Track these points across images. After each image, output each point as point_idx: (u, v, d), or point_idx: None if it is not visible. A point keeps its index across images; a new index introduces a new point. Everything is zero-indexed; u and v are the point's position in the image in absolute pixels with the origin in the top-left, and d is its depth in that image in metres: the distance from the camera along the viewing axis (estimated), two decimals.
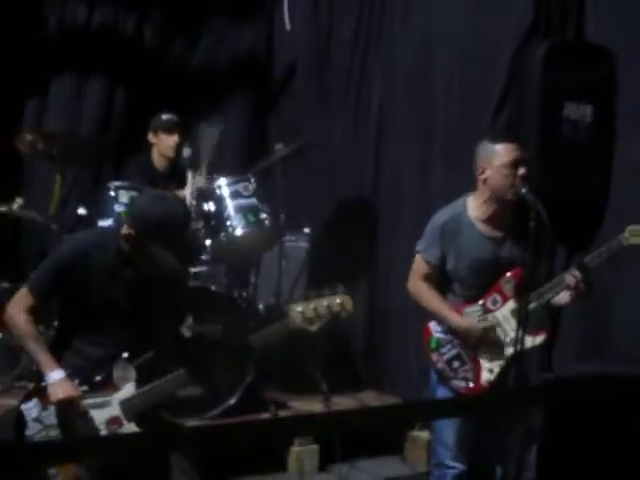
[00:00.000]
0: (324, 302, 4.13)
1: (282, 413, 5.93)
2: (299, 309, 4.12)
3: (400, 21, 6.82)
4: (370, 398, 6.55)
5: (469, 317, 4.79)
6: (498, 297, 4.76)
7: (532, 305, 4.55)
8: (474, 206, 4.80)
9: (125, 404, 4.09)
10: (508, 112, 5.88)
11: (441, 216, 4.84)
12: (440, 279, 4.86)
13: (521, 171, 4.64)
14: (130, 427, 4.07)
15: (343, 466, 5.67)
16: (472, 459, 4.94)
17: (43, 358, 4.12)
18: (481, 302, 4.78)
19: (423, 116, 6.58)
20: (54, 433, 4.05)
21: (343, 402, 6.30)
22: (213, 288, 5.94)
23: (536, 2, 5.82)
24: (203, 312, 5.48)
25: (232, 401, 5.74)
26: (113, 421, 4.07)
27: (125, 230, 4.16)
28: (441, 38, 6.44)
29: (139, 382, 4.12)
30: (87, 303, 4.19)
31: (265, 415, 5.80)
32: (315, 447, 5.88)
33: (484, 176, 4.72)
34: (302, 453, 5.86)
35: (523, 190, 4.56)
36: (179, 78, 7.37)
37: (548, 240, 4.50)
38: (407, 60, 6.76)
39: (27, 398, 4.13)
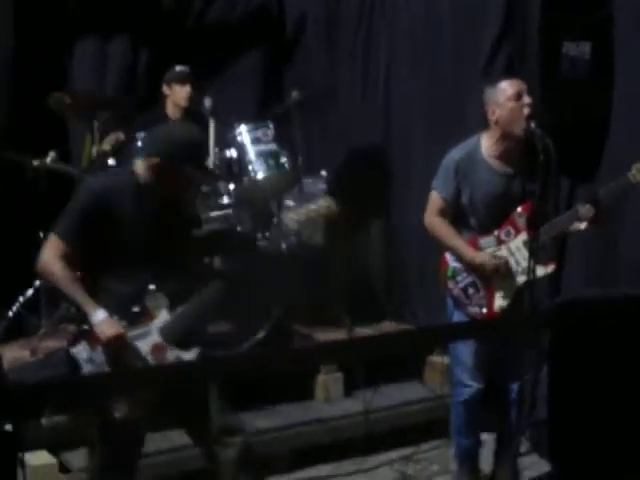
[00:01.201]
0: (312, 205, 4.35)
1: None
2: (294, 216, 4.40)
3: None
4: (389, 328, 6.72)
5: (483, 251, 4.98)
6: (511, 229, 4.96)
7: (544, 237, 4.73)
8: (487, 145, 4.99)
9: (164, 330, 4.19)
10: (506, 52, 6.08)
11: (455, 153, 5.04)
12: (455, 213, 5.06)
13: (526, 100, 4.82)
14: (174, 352, 4.17)
15: (367, 392, 5.87)
16: (488, 378, 5.15)
17: (84, 300, 4.14)
18: (495, 234, 4.99)
19: (427, 64, 6.80)
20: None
21: (365, 333, 6.45)
22: (239, 229, 6.09)
23: None
24: (228, 252, 5.71)
25: (261, 335, 5.92)
26: (156, 348, 4.16)
27: (149, 161, 4.20)
28: None
29: (171, 308, 4.22)
30: (112, 242, 4.20)
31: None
32: (339, 375, 6.09)
33: (495, 117, 4.89)
34: (328, 381, 6.08)
35: (532, 125, 4.72)
36: (197, 34, 7.49)
37: (555, 173, 4.67)
38: (410, 12, 6.97)
39: (74, 342, 4.15)
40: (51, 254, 4.20)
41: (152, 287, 4.24)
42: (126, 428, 4.12)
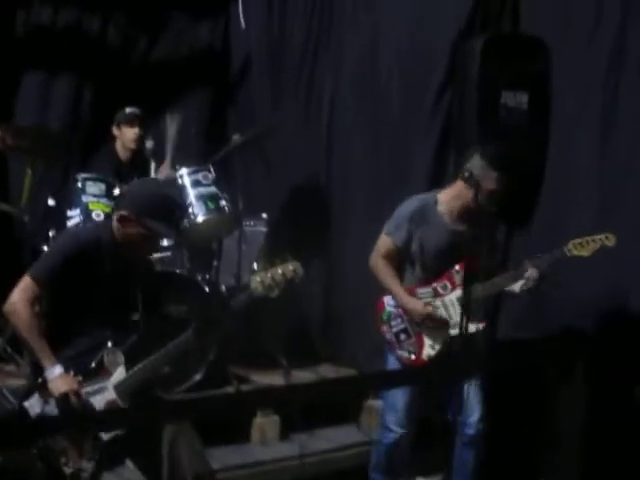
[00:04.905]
0: (279, 270, 4.38)
1: (244, 387, 6.09)
2: (259, 279, 4.35)
3: (348, 22, 7.09)
4: (327, 371, 6.77)
5: (419, 299, 5.16)
6: (448, 284, 5.16)
7: (482, 293, 5.01)
8: (444, 200, 5.20)
9: (119, 387, 4.23)
10: (448, 101, 6.19)
11: (412, 202, 5.25)
12: (400, 260, 5.24)
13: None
14: None
15: (303, 435, 5.87)
16: (422, 420, 5.33)
17: (44, 353, 4.16)
18: (433, 286, 5.18)
19: (370, 108, 6.88)
20: None
21: (302, 376, 6.50)
22: (178, 272, 6.13)
23: None
24: (169, 294, 5.66)
25: (197, 377, 5.91)
26: (110, 405, 4.20)
27: (121, 213, 4.32)
28: (386, 36, 6.73)
29: (128, 365, 4.26)
30: (80, 293, 4.28)
31: (229, 389, 5.96)
32: (276, 418, 6.08)
33: (468, 184, 5.05)
34: (264, 424, 6.07)
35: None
36: (142, 73, 7.48)
37: (492, 226, 5.19)
38: (354, 57, 7.05)
39: (27, 395, 4.19)
40: (23, 297, 4.21)
41: (110, 343, 4.29)
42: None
